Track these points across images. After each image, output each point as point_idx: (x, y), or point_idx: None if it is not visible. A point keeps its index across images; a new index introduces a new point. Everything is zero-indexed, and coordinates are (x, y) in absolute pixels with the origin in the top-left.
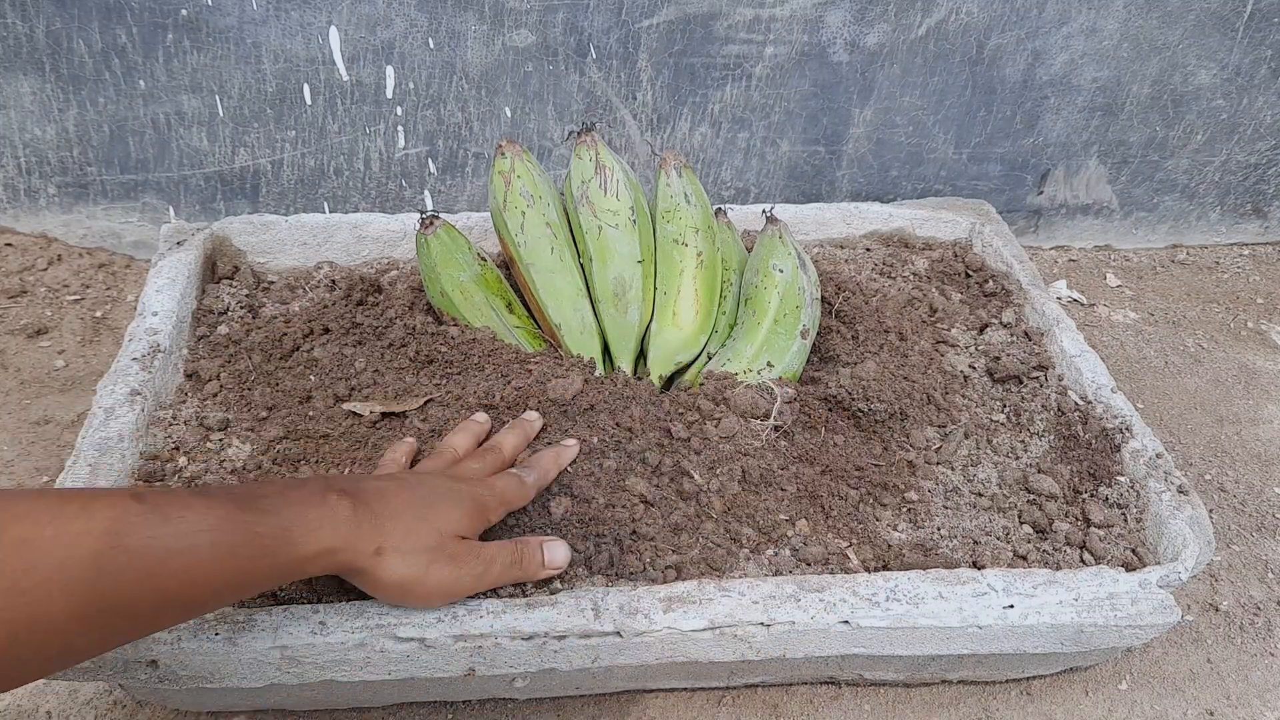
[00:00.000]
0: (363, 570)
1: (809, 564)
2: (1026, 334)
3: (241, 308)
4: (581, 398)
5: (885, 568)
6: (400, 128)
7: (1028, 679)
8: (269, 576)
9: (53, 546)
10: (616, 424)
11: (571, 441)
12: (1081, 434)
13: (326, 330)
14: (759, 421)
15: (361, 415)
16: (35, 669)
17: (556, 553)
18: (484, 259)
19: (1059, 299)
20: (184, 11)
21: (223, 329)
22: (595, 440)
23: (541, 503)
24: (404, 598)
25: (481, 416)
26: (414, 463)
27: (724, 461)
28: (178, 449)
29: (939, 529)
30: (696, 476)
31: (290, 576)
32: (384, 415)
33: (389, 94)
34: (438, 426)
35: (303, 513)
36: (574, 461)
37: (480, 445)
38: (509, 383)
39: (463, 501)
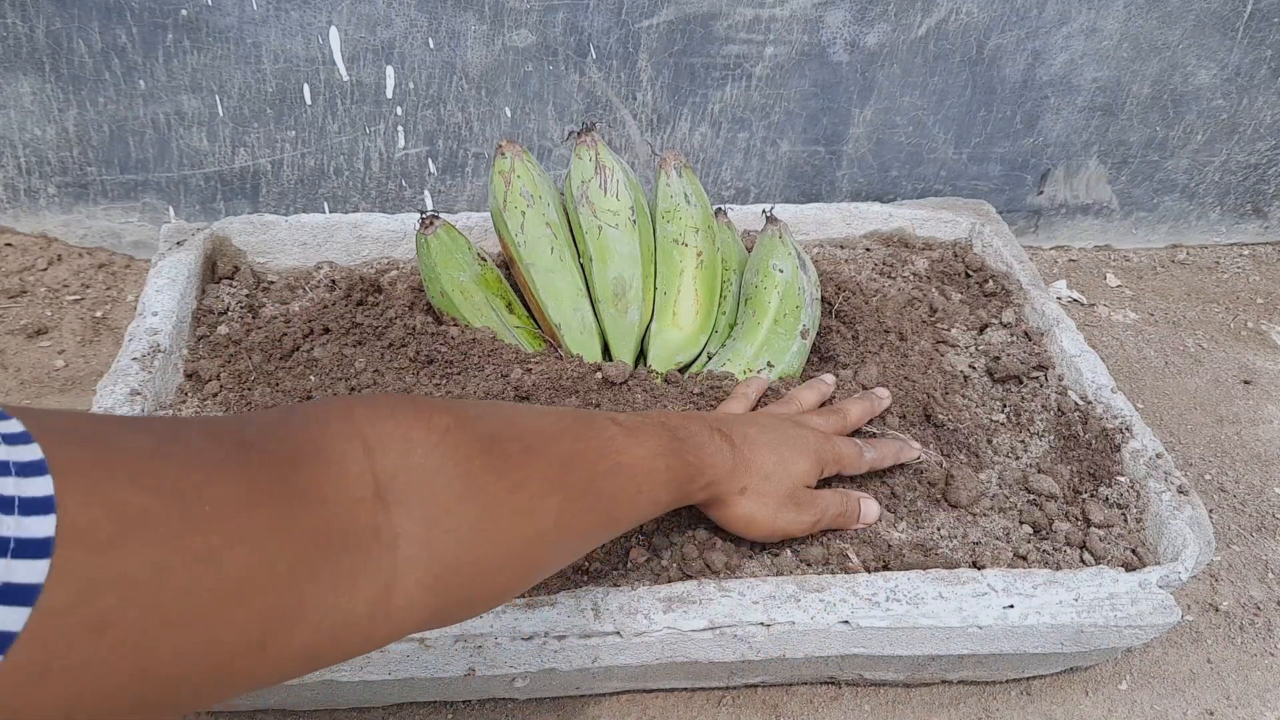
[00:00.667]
0: (725, 502)
1: (809, 564)
2: (1026, 334)
3: (241, 308)
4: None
5: (885, 568)
6: (400, 128)
7: (1028, 679)
8: (680, 497)
9: (588, 460)
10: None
11: (916, 446)
12: (1081, 434)
13: (326, 330)
14: None
15: None
16: (556, 564)
17: (871, 508)
18: (484, 259)
19: (1059, 299)
20: (184, 11)
21: (223, 329)
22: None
23: None
24: (747, 530)
25: (829, 378)
26: (761, 403)
27: None
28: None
29: (939, 529)
30: None
31: (688, 500)
32: None
33: (389, 94)
34: None
35: (705, 446)
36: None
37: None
38: (508, 381)
39: (809, 452)
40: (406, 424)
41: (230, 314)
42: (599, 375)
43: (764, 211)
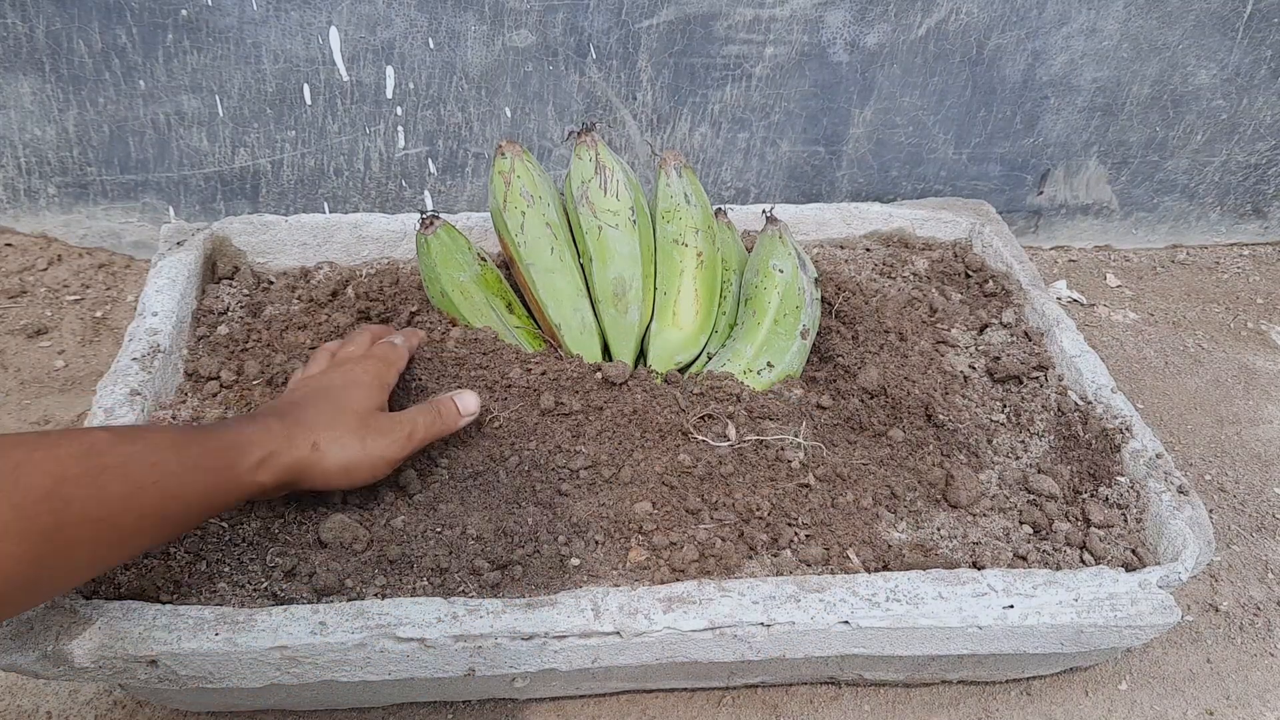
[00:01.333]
0: (307, 465)
1: (810, 564)
2: (1026, 334)
3: (241, 308)
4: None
5: (885, 568)
6: (400, 128)
7: (1028, 679)
8: (233, 487)
9: (44, 466)
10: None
11: (418, 331)
12: (1081, 434)
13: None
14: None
15: None
16: (46, 588)
17: (468, 401)
18: (484, 259)
19: (1059, 299)
20: (184, 11)
21: (223, 329)
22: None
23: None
24: (351, 478)
25: (362, 328)
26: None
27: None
28: None
29: (939, 529)
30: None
31: (250, 488)
32: None
33: (389, 94)
34: None
35: (242, 428)
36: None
37: None
38: (509, 381)
39: (360, 382)
40: None
41: (230, 314)
42: (599, 375)
43: (764, 211)
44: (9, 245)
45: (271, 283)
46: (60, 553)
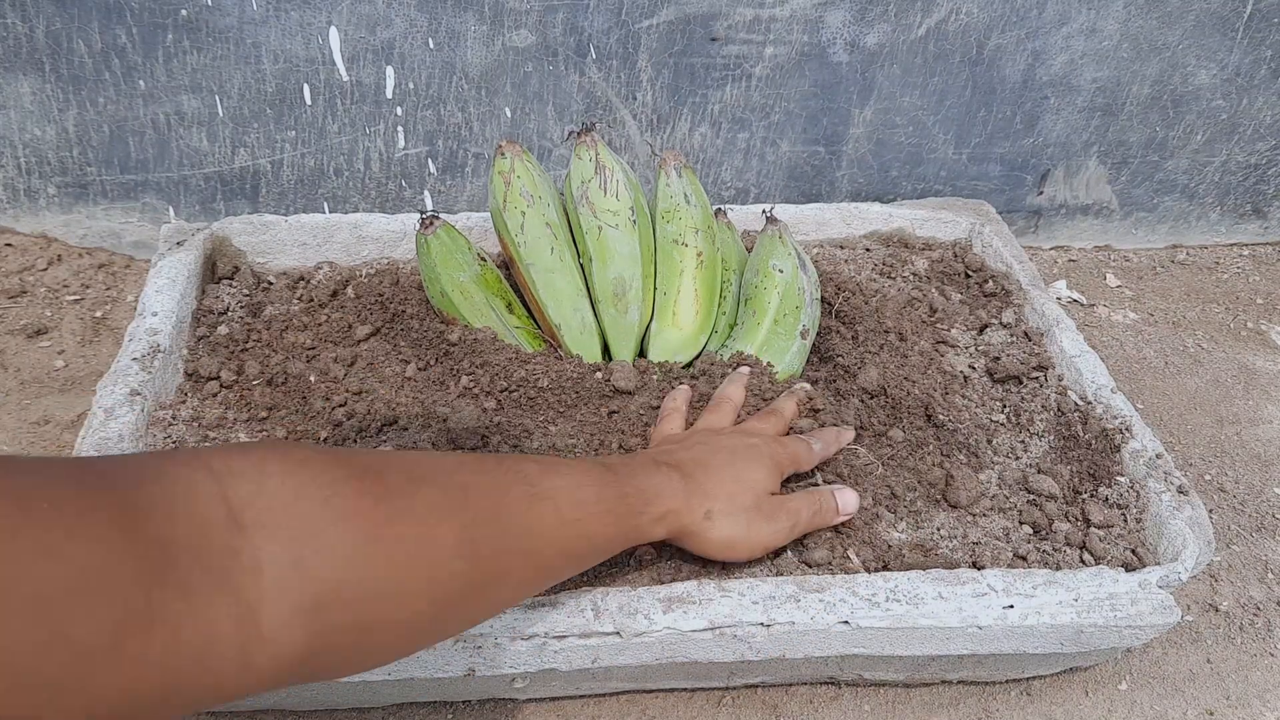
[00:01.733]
0: (694, 533)
1: (810, 565)
2: (1026, 334)
3: (241, 308)
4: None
5: (885, 568)
6: (400, 128)
7: (1028, 679)
8: (634, 534)
9: (489, 491)
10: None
11: (850, 429)
12: (1081, 434)
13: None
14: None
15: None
16: (474, 614)
17: (849, 499)
18: (484, 259)
19: (1059, 299)
20: (184, 11)
21: (223, 329)
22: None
23: None
24: (729, 553)
25: (744, 368)
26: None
27: None
28: (177, 449)
29: (939, 529)
30: None
31: (645, 537)
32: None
33: (389, 94)
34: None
35: (649, 477)
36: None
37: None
38: (510, 381)
39: (764, 461)
40: (260, 456)
41: (230, 314)
42: (598, 375)
43: (764, 211)
44: (9, 245)
45: (271, 283)
46: (493, 579)
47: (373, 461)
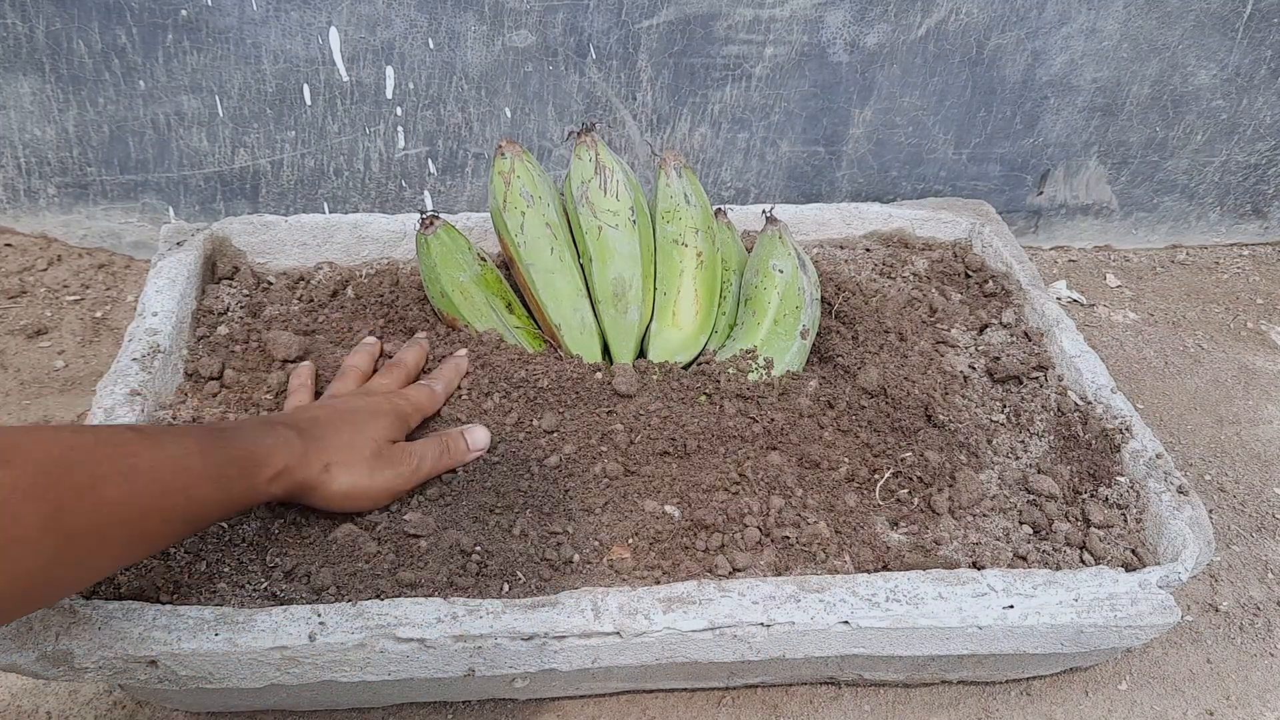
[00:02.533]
0: (314, 486)
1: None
2: (1026, 334)
3: (241, 308)
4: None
5: (885, 568)
6: (400, 128)
7: (1028, 679)
8: (247, 495)
9: (83, 464)
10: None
11: (462, 352)
12: (1081, 434)
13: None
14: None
15: None
16: (67, 584)
17: (478, 435)
18: (484, 259)
19: (1059, 299)
20: (184, 12)
21: (223, 329)
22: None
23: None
24: (352, 503)
25: (371, 340)
26: (317, 383)
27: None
28: None
29: (939, 529)
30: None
31: (261, 497)
32: None
33: (389, 94)
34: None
35: (262, 439)
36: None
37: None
38: (512, 382)
39: (385, 413)
40: None
41: (230, 314)
42: (598, 375)
43: (764, 212)
44: (9, 245)
45: (271, 283)
46: (88, 552)
47: None
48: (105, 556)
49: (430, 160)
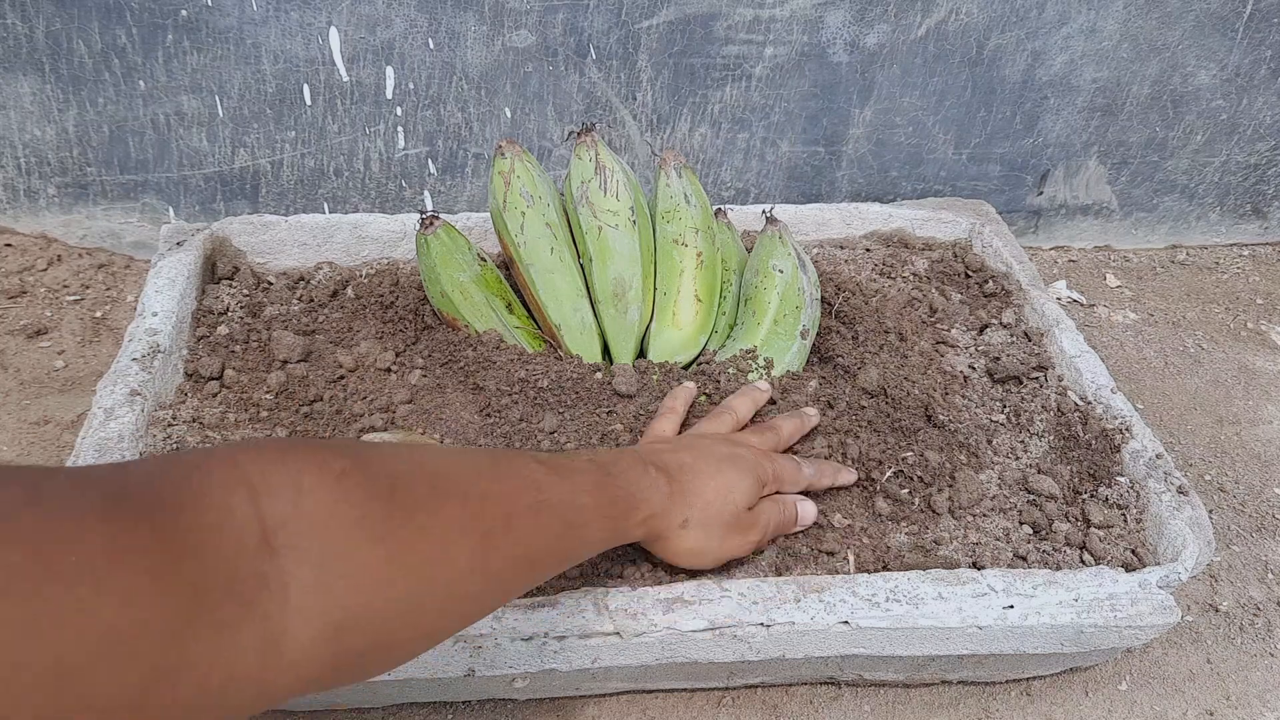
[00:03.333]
0: (668, 538)
1: (797, 557)
2: (1026, 334)
3: (241, 308)
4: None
5: (885, 568)
6: (400, 128)
7: (1028, 679)
8: (617, 535)
9: (502, 501)
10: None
11: (852, 472)
12: (1081, 434)
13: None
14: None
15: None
16: (481, 611)
17: (808, 510)
18: (484, 259)
19: (1059, 299)
20: (184, 12)
21: (223, 329)
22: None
23: None
24: (693, 562)
25: (764, 385)
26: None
27: None
28: (177, 449)
29: (939, 529)
30: None
31: (625, 538)
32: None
33: (389, 94)
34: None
35: (639, 480)
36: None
37: (757, 412)
38: (512, 381)
39: (749, 474)
40: (296, 468)
41: (230, 314)
42: (598, 376)
43: (764, 212)
44: (9, 245)
45: (271, 283)
46: (497, 588)
47: (398, 471)
48: (506, 593)
49: (430, 160)
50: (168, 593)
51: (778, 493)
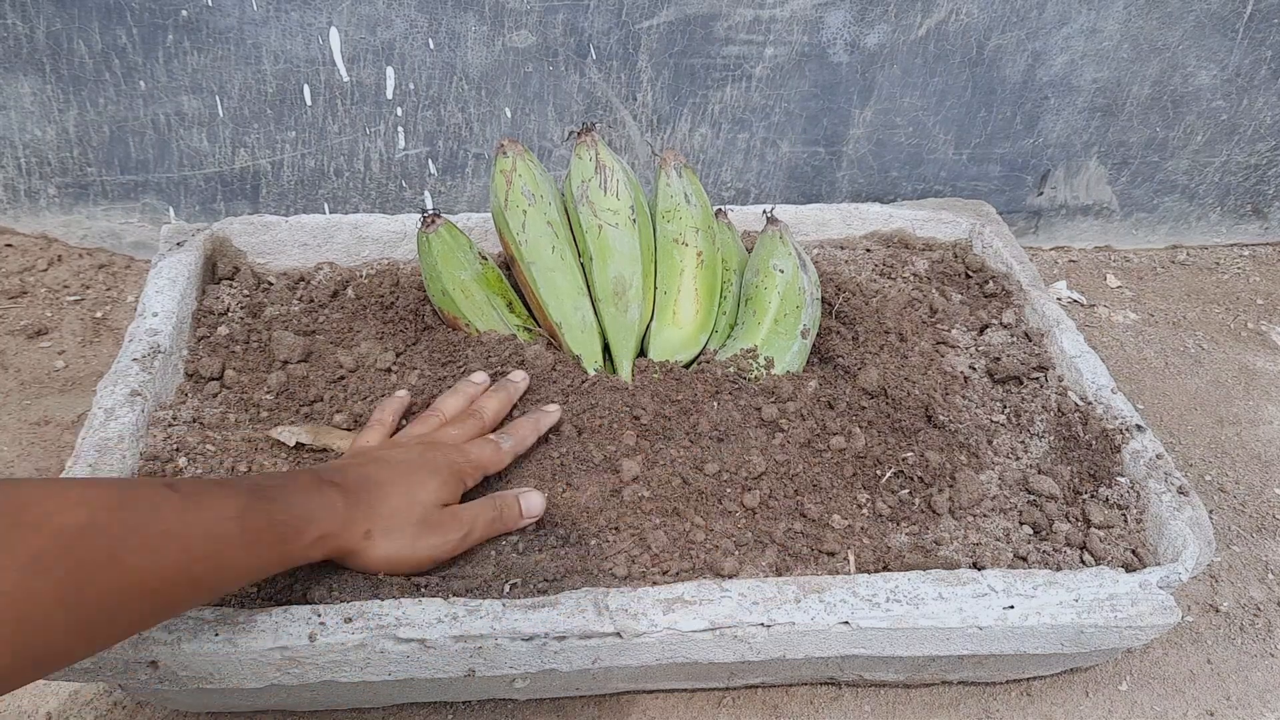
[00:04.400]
0: (354, 552)
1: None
2: (1027, 335)
3: (242, 308)
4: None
5: (885, 569)
6: (400, 128)
7: (1028, 680)
8: (281, 561)
9: (105, 532)
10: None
11: (553, 407)
12: (1081, 435)
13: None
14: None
15: (284, 443)
16: (82, 652)
17: (533, 501)
18: (485, 258)
19: (1059, 300)
20: (184, 12)
21: (223, 330)
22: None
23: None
24: (392, 570)
25: (479, 376)
26: (407, 416)
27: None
28: (178, 449)
29: (939, 530)
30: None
31: (297, 561)
32: (298, 446)
33: (389, 95)
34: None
35: (306, 501)
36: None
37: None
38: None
39: (439, 470)
40: None
41: (230, 315)
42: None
43: (764, 212)
44: (9, 246)
45: (271, 283)
46: (103, 620)
47: None
48: (122, 626)
49: (430, 160)
50: None
51: (498, 486)
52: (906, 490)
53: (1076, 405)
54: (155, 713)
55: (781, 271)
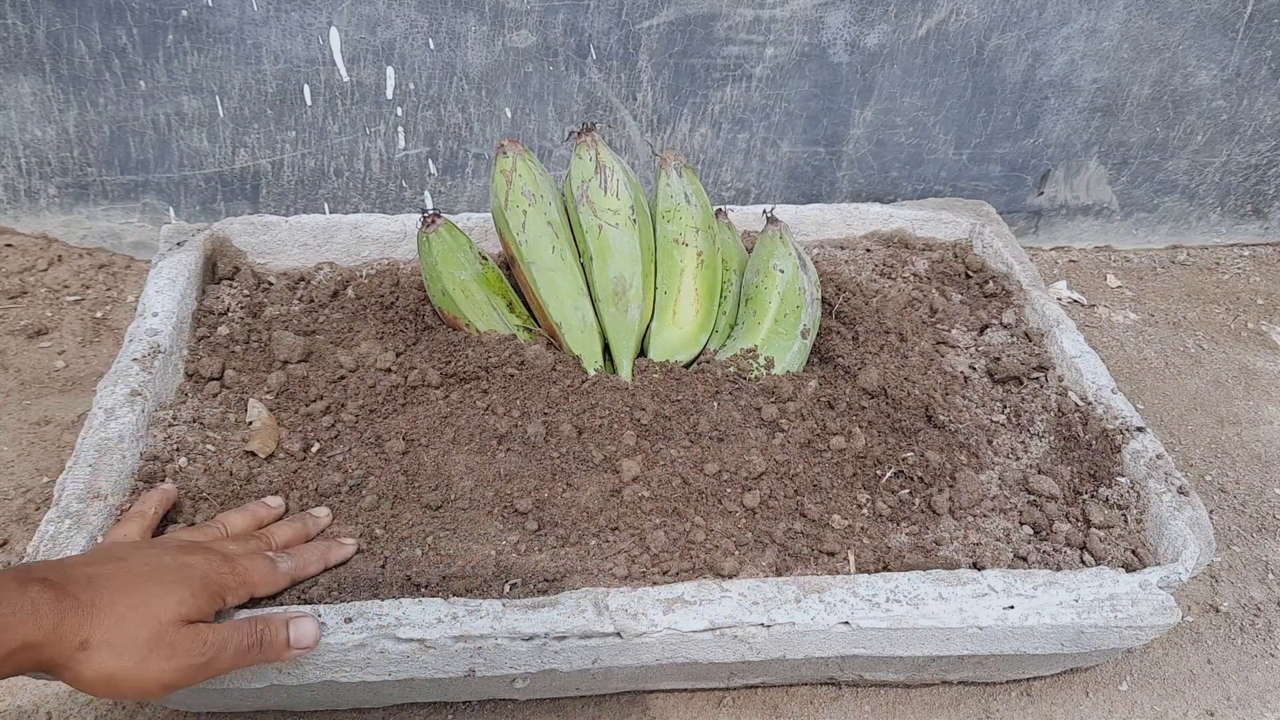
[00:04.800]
0: (65, 666)
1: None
2: (1027, 335)
3: (242, 308)
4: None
5: (885, 569)
6: (400, 128)
7: (1028, 680)
8: None
9: None
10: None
11: (349, 541)
12: (1082, 435)
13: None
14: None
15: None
16: None
17: (304, 630)
18: (485, 258)
19: (1059, 300)
20: (184, 12)
21: (223, 330)
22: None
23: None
24: (112, 691)
25: (274, 501)
26: (169, 515)
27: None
28: (178, 449)
29: (939, 530)
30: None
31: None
32: (248, 454)
33: (389, 95)
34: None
35: (9, 606)
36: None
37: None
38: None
39: (189, 581)
40: None
41: (231, 315)
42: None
43: (764, 212)
44: (9, 246)
45: (272, 283)
46: None
47: None
48: None
49: (430, 160)
50: None
51: (264, 607)
52: (906, 490)
53: (1077, 405)
54: (155, 713)
55: (782, 271)
